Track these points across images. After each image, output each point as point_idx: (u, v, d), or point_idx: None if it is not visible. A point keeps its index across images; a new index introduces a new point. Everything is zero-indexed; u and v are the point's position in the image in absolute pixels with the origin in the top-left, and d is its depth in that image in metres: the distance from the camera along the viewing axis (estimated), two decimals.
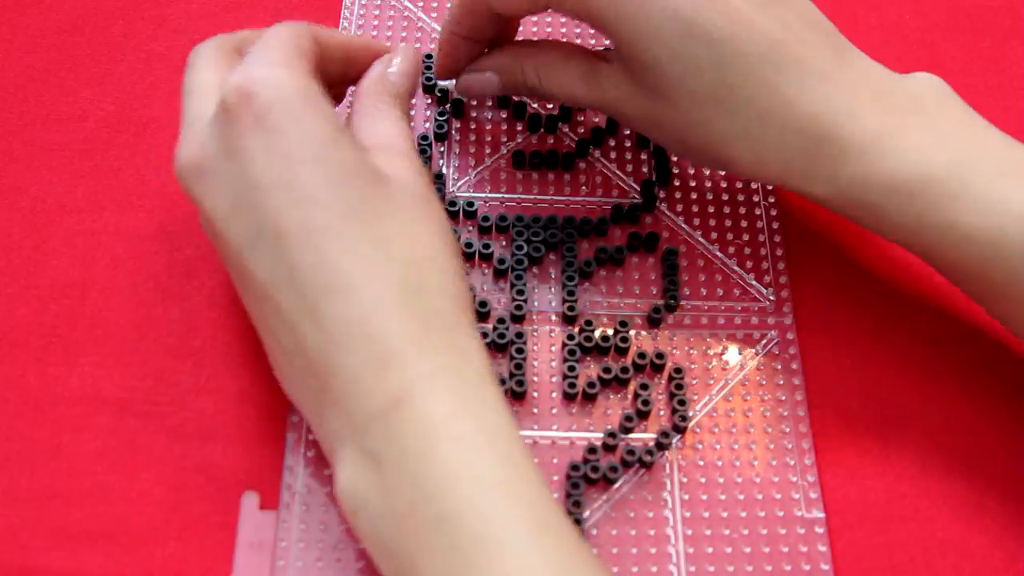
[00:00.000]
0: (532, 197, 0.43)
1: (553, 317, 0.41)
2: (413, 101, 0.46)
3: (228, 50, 0.37)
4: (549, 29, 0.49)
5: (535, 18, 0.49)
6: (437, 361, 0.31)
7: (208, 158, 0.34)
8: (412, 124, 0.45)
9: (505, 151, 0.44)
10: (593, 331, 0.40)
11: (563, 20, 0.49)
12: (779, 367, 0.40)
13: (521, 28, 0.45)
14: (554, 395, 0.39)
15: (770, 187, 0.44)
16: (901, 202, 0.35)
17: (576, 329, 0.40)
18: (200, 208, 0.35)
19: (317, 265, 0.32)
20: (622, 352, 0.40)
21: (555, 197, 0.43)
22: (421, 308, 0.32)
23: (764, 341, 0.41)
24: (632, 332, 0.40)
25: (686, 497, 0.37)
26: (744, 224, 0.43)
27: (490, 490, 0.30)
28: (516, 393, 0.39)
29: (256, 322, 0.35)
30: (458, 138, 0.45)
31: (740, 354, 0.40)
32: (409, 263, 0.33)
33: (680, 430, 0.38)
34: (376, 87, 0.38)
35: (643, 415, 0.39)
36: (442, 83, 0.45)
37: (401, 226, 0.33)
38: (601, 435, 0.38)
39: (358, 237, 0.32)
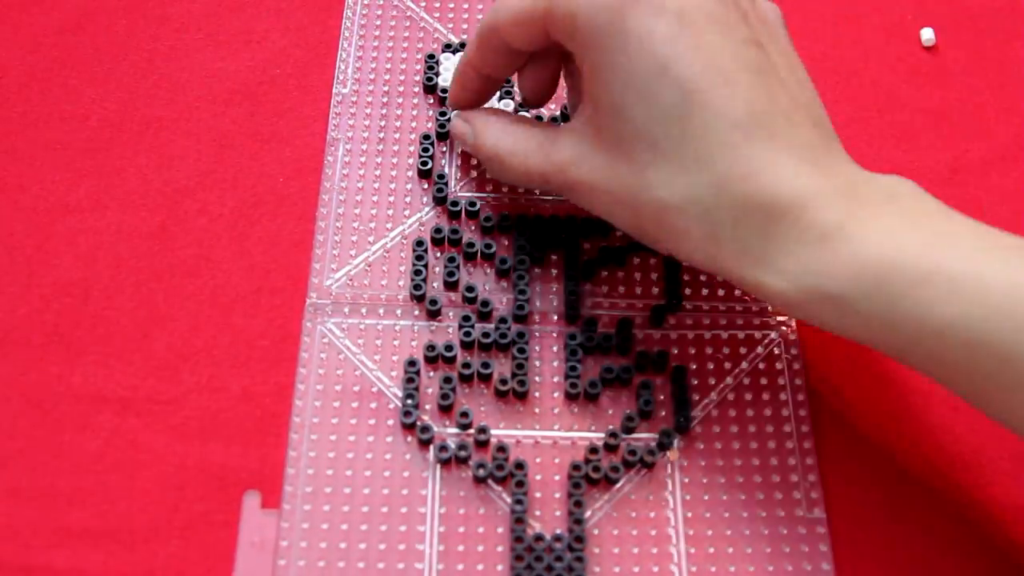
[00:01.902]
0: (534, 197, 0.43)
1: (555, 317, 0.41)
2: (415, 101, 0.46)
3: None
4: None
5: None
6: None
7: None
8: (413, 124, 0.45)
9: None
10: (595, 331, 0.40)
11: None
12: (781, 367, 0.40)
13: None
14: (556, 395, 0.39)
15: None
16: (867, 291, 0.31)
17: (578, 329, 0.40)
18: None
19: None
20: (624, 352, 0.40)
21: (557, 197, 0.43)
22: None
23: (766, 341, 0.41)
24: (634, 332, 0.40)
25: (687, 497, 0.37)
26: None
27: None
28: (518, 393, 0.39)
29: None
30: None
31: (742, 354, 0.40)
32: None
33: (682, 430, 0.38)
34: None
35: (645, 415, 0.39)
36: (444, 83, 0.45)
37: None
38: (603, 435, 0.38)
39: None
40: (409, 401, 0.38)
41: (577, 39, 0.36)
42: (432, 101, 0.46)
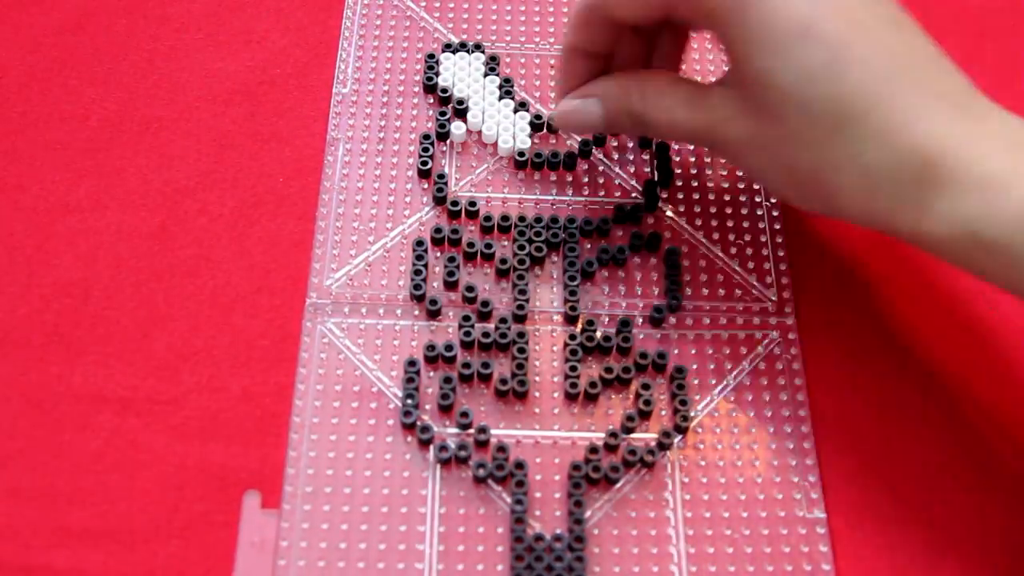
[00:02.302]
0: (534, 197, 0.43)
1: (555, 317, 0.41)
2: (415, 101, 0.46)
3: None
4: None
5: None
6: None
7: None
8: (413, 124, 0.45)
9: (507, 151, 0.44)
10: (595, 331, 0.40)
11: None
12: (781, 367, 0.40)
13: None
14: (556, 395, 0.39)
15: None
16: None
17: (578, 329, 0.40)
18: None
19: None
20: (624, 352, 0.40)
21: (557, 197, 0.43)
22: None
23: (766, 341, 0.41)
24: (634, 332, 0.40)
25: (687, 497, 0.37)
26: (746, 224, 0.43)
27: None
28: (518, 393, 0.39)
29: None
30: (461, 138, 0.45)
31: (742, 354, 0.40)
32: None
33: (682, 430, 0.38)
34: None
35: (645, 415, 0.39)
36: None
37: None
38: (603, 435, 0.38)
39: None
40: (409, 401, 0.38)
41: (709, 11, 0.35)
42: (432, 101, 0.46)
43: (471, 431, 0.38)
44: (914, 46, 0.34)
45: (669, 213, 0.43)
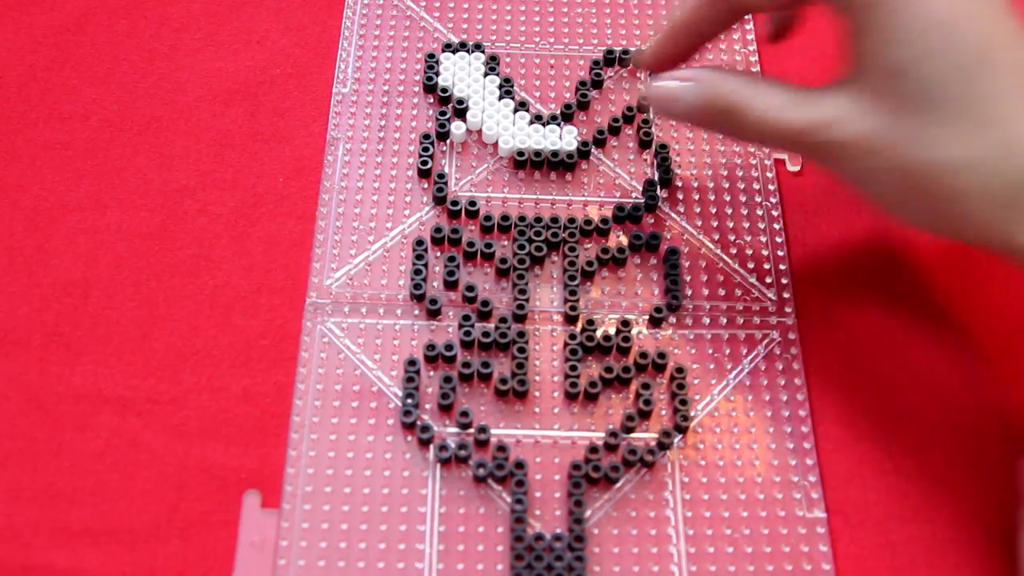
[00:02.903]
0: (534, 197, 0.44)
1: (555, 317, 0.41)
2: (415, 101, 0.46)
3: None
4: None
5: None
6: None
7: None
8: (413, 124, 0.45)
9: (507, 151, 0.44)
10: (595, 331, 0.40)
11: None
12: (781, 367, 0.40)
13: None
14: (556, 395, 0.39)
15: (772, 187, 0.44)
16: None
17: (578, 329, 0.40)
18: None
19: None
20: (624, 352, 0.40)
21: (557, 197, 0.43)
22: None
23: (766, 341, 0.41)
24: (634, 332, 0.40)
25: (687, 497, 0.37)
26: (746, 224, 0.43)
27: None
28: (518, 392, 0.39)
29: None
30: (461, 138, 0.45)
31: (742, 354, 0.40)
32: None
33: (682, 430, 0.38)
34: None
35: (645, 415, 0.39)
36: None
37: None
38: (603, 435, 0.38)
39: None
40: (409, 401, 0.38)
41: None
42: (432, 101, 0.46)
43: (471, 431, 0.38)
44: None
45: (669, 213, 0.43)
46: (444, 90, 0.46)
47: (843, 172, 0.36)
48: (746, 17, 0.47)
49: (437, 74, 0.46)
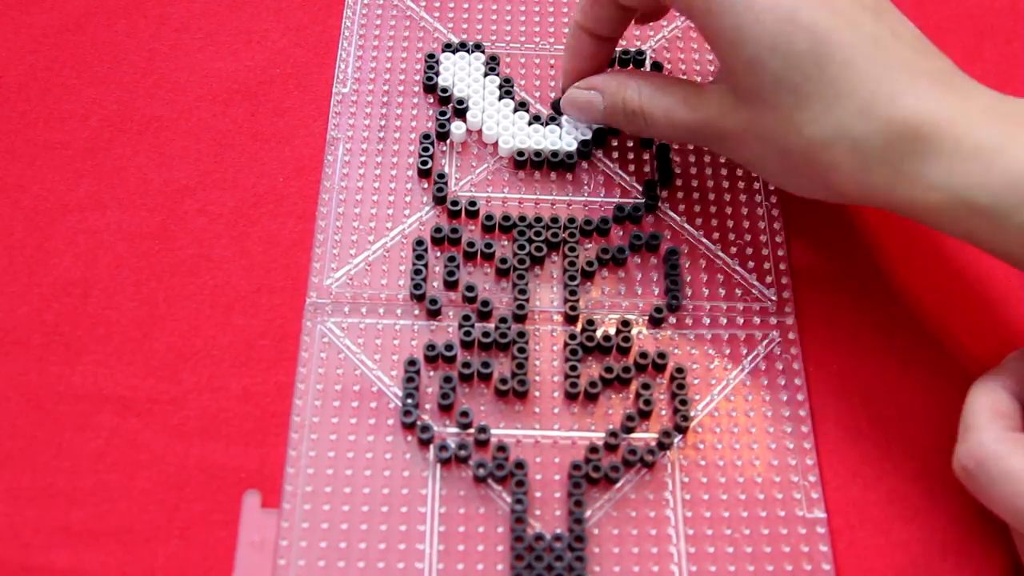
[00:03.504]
0: (534, 197, 0.44)
1: (555, 317, 0.41)
2: (415, 100, 0.46)
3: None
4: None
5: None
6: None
7: None
8: (413, 123, 0.45)
9: (507, 151, 0.44)
10: (595, 331, 0.40)
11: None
12: (781, 367, 0.40)
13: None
14: (556, 395, 0.39)
15: (772, 187, 0.44)
16: (1022, 202, 0.33)
17: (578, 329, 0.40)
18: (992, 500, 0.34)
19: None
20: (624, 352, 0.40)
21: (557, 197, 0.43)
22: None
23: (766, 341, 0.41)
24: (634, 332, 0.40)
25: (688, 497, 0.37)
26: (746, 224, 0.43)
27: None
28: (518, 392, 0.39)
29: None
30: (461, 138, 0.45)
31: (742, 354, 0.40)
32: None
33: (682, 430, 0.38)
34: None
35: (645, 415, 0.39)
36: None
37: None
38: (603, 435, 0.38)
39: None
40: (409, 401, 0.38)
41: (696, 5, 0.37)
42: (432, 101, 0.46)
43: (471, 431, 0.38)
44: (896, 31, 0.36)
45: (669, 213, 0.43)
46: (444, 90, 0.46)
47: (734, 157, 0.40)
48: None
49: (437, 74, 0.46)
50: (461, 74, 0.46)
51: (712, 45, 0.38)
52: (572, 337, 0.40)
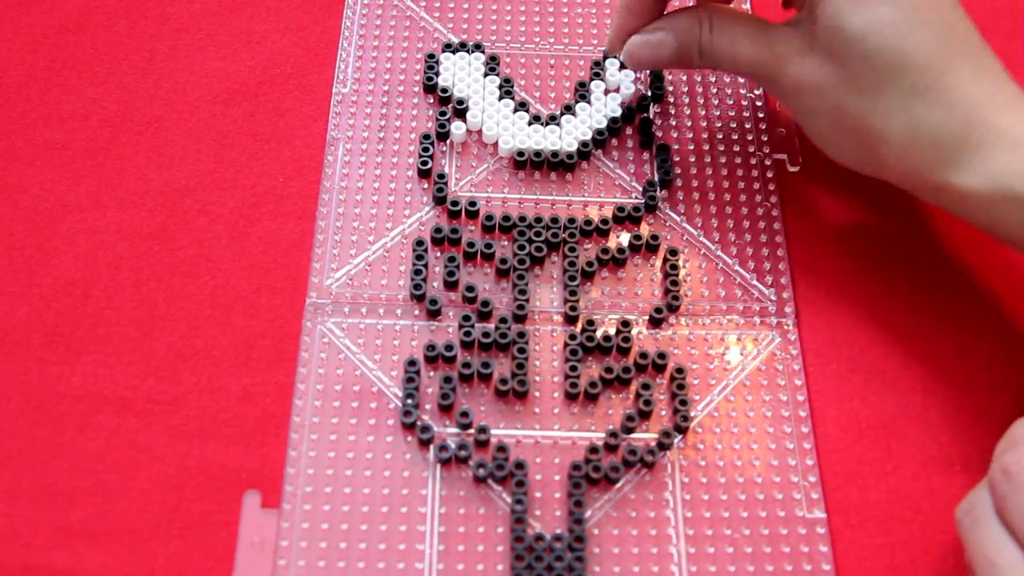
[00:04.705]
0: (534, 197, 0.44)
1: (555, 317, 0.41)
2: (415, 101, 0.46)
3: None
4: None
5: None
6: None
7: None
8: (413, 124, 0.45)
9: (507, 151, 0.44)
10: (595, 331, 0.40)
11: None
12: (781, 367, 0.40)
13: None
14: (556, 395, 0.39)
15: (772, 187, 0.44)
16: None
17: (578, 329, 0.40)
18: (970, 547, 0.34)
19: None
20: (624, 352, 0.40)
21: (557, 197, 0.43)
22: None
23: (766, 341, 0.41)
24: (634, 332, 0.40)
25: (688, 497, 0.37)
26: (746, 224, 0.43)
27: None
28: (518, 393, 0.39)
29: None
30: (461, 138, 0.45)
31: (742, 354, 0.40)
32: None
33: (682, 430, 0.38)
34: None
35: (645, 415, 0.39)
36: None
37: None
38: (603, 435, 0.38)
39: None
40: (409, 401, 0.38)
41: None
42: (432, 101, 0.46)
43: (471, 431, 0.38)
44: (968, 28, 0.38)
45: (669, 213, 0.43)
46: (444, 90, 0.46)
47: (787, 104, 0.41)
48: None
49: (437, 74, 0.46)
50: (461, 74, 0.46)
51: None
52: (572, 337, 0.40)
